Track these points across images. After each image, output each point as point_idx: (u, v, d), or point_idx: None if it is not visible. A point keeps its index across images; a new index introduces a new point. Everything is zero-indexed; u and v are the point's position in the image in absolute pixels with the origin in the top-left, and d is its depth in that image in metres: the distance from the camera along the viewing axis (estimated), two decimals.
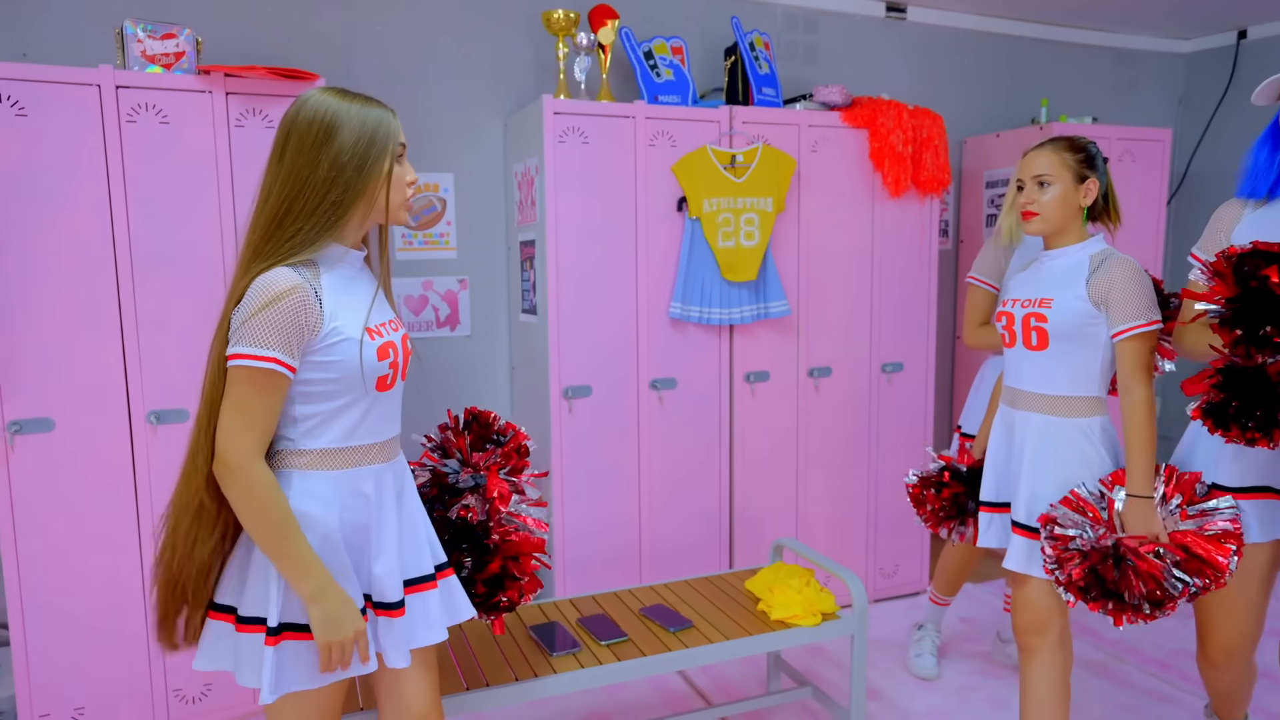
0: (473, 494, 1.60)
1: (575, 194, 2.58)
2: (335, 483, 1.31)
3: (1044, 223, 1.89)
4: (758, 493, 2.95)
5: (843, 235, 2.99)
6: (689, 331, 2.78)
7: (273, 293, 1.22)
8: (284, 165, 1.28)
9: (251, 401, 1.23)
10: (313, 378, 1.27)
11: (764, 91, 2.89)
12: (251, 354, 1.21)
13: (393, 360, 1.33)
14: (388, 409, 1.37)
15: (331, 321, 1.27)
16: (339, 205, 1.28)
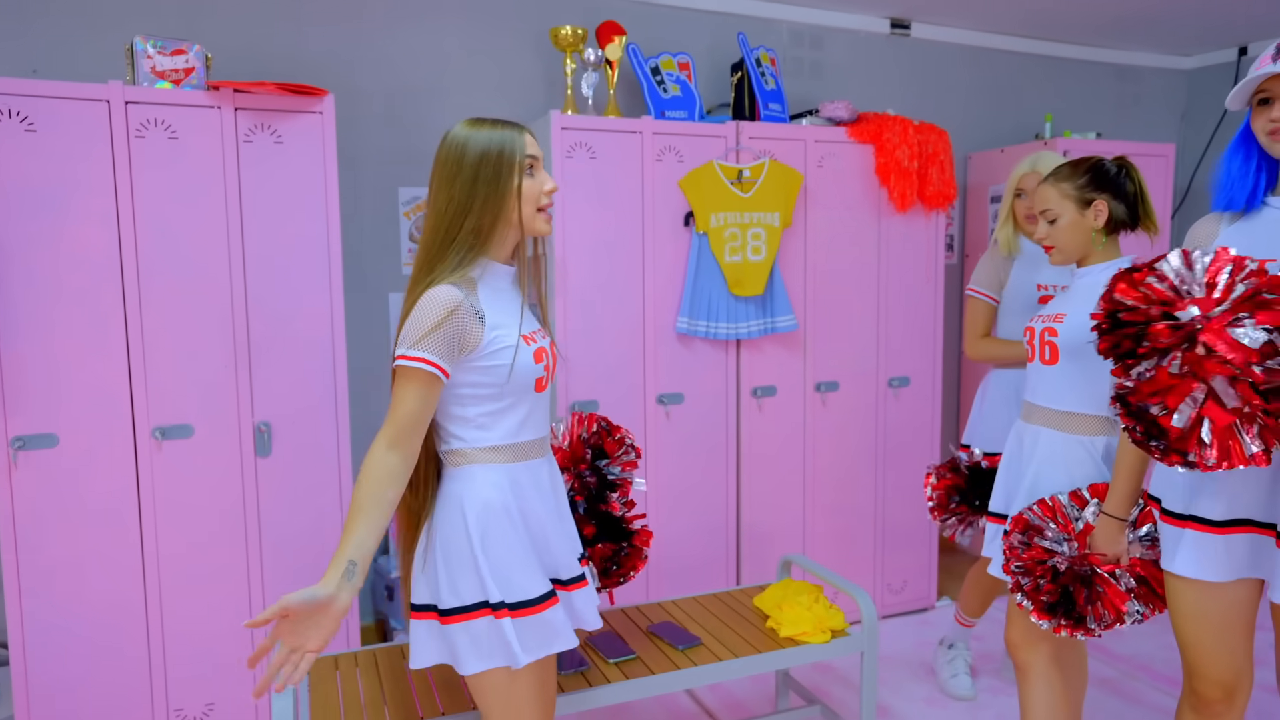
0: (611, 490, 1.83)
1: (583, 209, 2.57)
2: (507, 473, 1.41)
3: (1061, 254, 1.90)
4: (765, 507, 2.92)
5: (849, 250, 2.98)
6: (696, 346, 2.77)
7: (433, 304, 1.32)
8: (433, 198, 1.39)
9: (400, 395, 1.32)
10: (481, 380, 1.37)
11: (770, 107, 2.89)
12: (408, 355, 1.32)
13: (546, 364, 1.42)
14: (543, 409, 1.47)
15: (493, 331, 1.36)
16: (478, 230, 1.37)
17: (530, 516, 1.44)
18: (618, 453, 1.86)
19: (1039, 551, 1.75)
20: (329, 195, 2.26)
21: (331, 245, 2.27)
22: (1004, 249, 2.43)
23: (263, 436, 2.24)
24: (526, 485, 1.44)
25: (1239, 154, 1.57)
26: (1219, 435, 1.31)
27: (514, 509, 1.41)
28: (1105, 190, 1.88)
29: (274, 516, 2.28)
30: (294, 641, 1.24)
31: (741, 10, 3.16)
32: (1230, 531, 1.51)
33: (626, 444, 1.85)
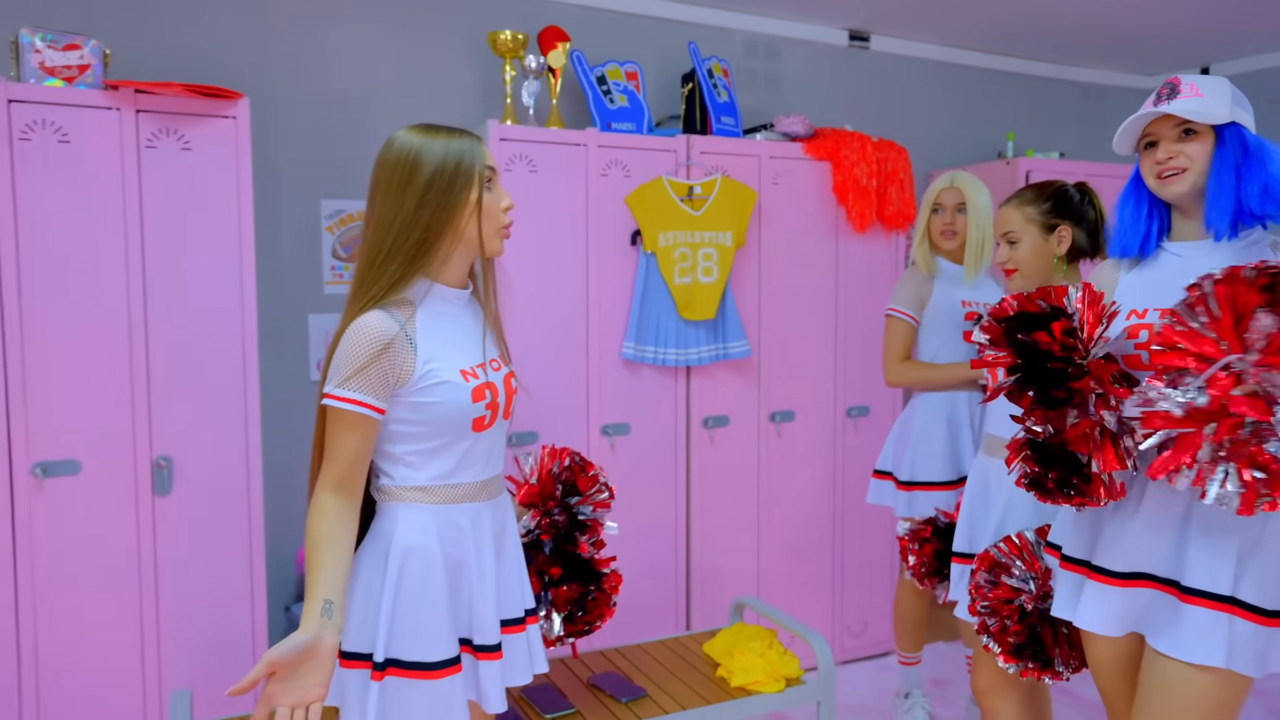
0: (581, 531, 1.81)
1: (523, 226, 2.56)
2: (435, 516, 1.39)
3: (1023, 279, 1.96)
4: (716, 546, 2.93)
5: (805, 271, 3.01)
6: (643, 373, 2.76)
7: (362, 336, 1.31)
8: (375, 209, 1.37)
9: (336, 439, 1.32)
10: (410, 417, 1.36)
11: (723, 120, 2.92)
12: (338, 395, 1.32)
13: (490, 401, 1.39)
14: (487, 449, 1.44)
15: (426, 364, 1.34)
16: (424, 242, 1.35)
17: (460, 567, 1.42)
18: (590, 490, 1.84)
19: (1005, 591, 1.78)
20: (242, 208, 2.23)
21: (245, 263, 2.24)
22: (923, 268, 2.52)
23: (162, 473, 2.18)
24: (461, 530, 1.42)
25: (1130, 199, 1.63)
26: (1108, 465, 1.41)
27: (437, 556, 1.39)
28: (1068, 217, 1.94)
29: (174, 563, 2.21)
30: (293, 698, 1.23)
31: (693, 18, 3.20)
32: (1131, 585, 1.53)
33: (600, 482, 1.84)
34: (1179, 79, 1.52)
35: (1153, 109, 1.51)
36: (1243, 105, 1.51)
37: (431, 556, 1.38)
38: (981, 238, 2.45)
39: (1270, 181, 1.44)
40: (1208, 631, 1.41)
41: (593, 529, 1.85)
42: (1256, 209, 1.43)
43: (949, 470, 2.47)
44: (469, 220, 1.37)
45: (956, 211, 2.49)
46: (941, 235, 2.49)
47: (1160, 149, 1.52)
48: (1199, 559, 1.45)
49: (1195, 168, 1.49)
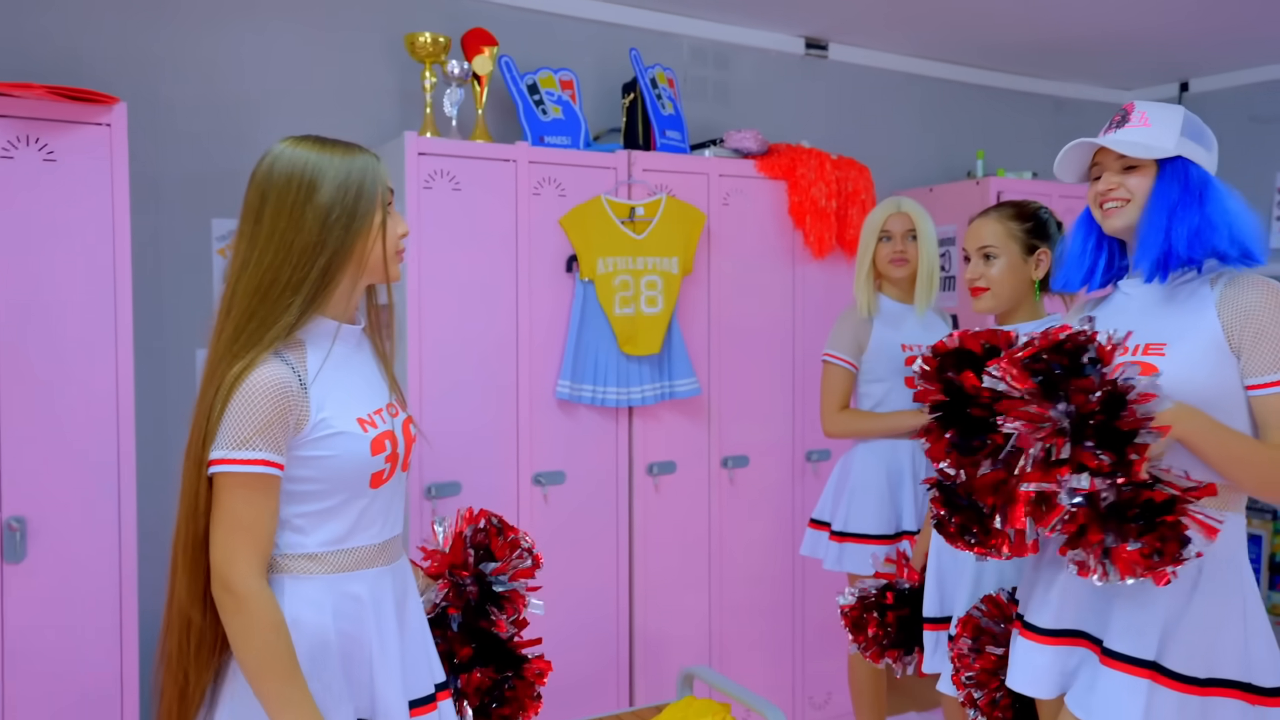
0: (498, 606, 1.70)
1: (444, 249, 2.53)
2: (328, 587, 1.36)
3: (994, 299, 1.97)
4: (663, 609, 2.89)
5: (760, 301, 3.01)
6: (580, 415, 2.73)
7: (264, 390, 1.28)
8: (263, 231, 1.33)
9: (244, 511, 1.28)
10: (299, 474, 1.33)
11: (668, 135, 2.92)
12: (235, 458, 1.27)
13: (390, 453, 1.38)
14: (385, 507, 1.42)
15: (319, 413, 1.32)
16: (328, 271, 1.33)
17: (357, 645, 1.38)
18: (509, 556, 1.74)
19: (991, 659, 1.77)
20: (118, 228, 2.16)
21: (120, 291, 2.16)
22: (863, 309, 2.55)
23: (13, 536, 2.08)
24: (358, 603, 1.39)
25: (1080, 230, 1.67)
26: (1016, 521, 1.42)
27: (331, 635, 1.35)
28: (1046, 241, 1.97)
29: (23, 641, 2.09)
30: None
31: (635, 22, 3.20)
32: (1061, 643, 1.55)
33: (522, 548, 1.76)
34: (1133, 105, 1.56)
35: (1086, 139, 1.57)
36: (1198, 138, 1.55)
37: (324, 636, 1.35)
38: (931, 269, 2.50)
39: (1203, 225, 1.48)
40: (1122, 698, 1.45)
41: (513, 603, 1.75)
42: (1184, 252, 1.47)
43: (886, 523, 2.49)
44: (373, 247, 1.37)
45: (907, 238, 2.53)
46: (891, 264, 2.52)
47: (1102, 180, 1.57)
48: (1123, 620, 1.48)
49: (1136, 201, 1.53)
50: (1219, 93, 4.12)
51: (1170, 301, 1.53)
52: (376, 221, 1.37)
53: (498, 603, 1.75)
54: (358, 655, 1.38)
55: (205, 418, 1.31)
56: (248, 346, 1.31)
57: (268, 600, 1.29)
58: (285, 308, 1.32)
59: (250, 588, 1.28)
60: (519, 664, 1.75)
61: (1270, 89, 3.95)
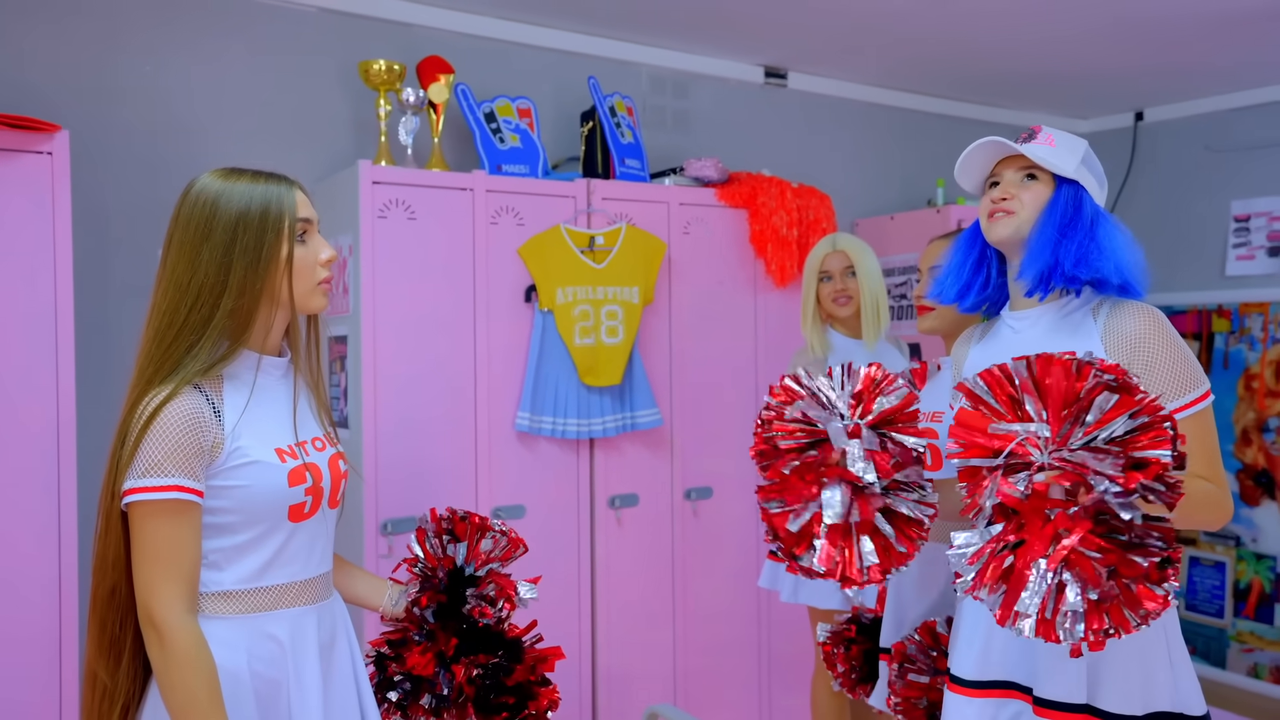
0: (477, 595, 1.63)
1: (399, 280, 2.54)
2: (242, 627, 1.33)
3: (939, 319, 2.01)
4: (626, 645, 2.88)
5: (721, 330, 3.04)
6: (540, 447, 2.74)
7: (167, 416, 1.27)
8: (165, 272, 1.34)
9: (163, 541, 1.26)
10: (215, 505, 1.32)
11: (627, 163, 2.96)
12: (148, 485, 1.26)
13: (311, 485, 1.37)
14: (309, 542, 1.41)
15: (234, 441, 1.31)
16: (237, 312, 1.32)
17: (275, 689, 1.35)
18: (474, 537, 1.68)
19: (916, 689, 1.79)
20: (59, 263, 2.14)
21: (61, 331, 2.15)
22: (816, 349, 2.59)
23: None
24: (277, 644, 1.36)
25: (963, 244, 1.69)
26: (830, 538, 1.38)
27: (245, 679, 1.33)
28: None
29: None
30: None
31: (594, 50, 3.24)
32: (989, 694, 1.51)
33: (493, 530, 1.68)
34: (1040, 127, 1.60)
35: (994, 138, 1.59)
36: (1094, 172, 1.58)
37: (238, 678, 1.32)
38: (875, 301, 2.55)
39: (1091, 249, 1.48)
40: None
41: (499, 589, 1.64)
42: (1069, 269, 1.47)
43: None
44: (280, 281, 1.35)
45: (846, 275, 2.59)
46: (835, 302, 2.58)
47: (999, 188, 1.58)
48: (1047, 665, 1.45)
49: (1024, 214, 1.54)
50: (1174, 122, 4.26)
51: (1056, 333, 1.52)
52: (282, 255, 1.35)
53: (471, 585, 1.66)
54: (274, 699, 1.35)
55: (118, 452, 1.31)
56: (162, 383, 1.31)
57: (189, 635, 1.27)
58: (189, 347, 1.32)
59: (170, 621, 1.26)
60: (515, 649, 1.66)
61: (1224, 119, 4.09)
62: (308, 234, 1.40)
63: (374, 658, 1.65)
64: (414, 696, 1.63)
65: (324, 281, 1.41)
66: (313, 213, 1.42)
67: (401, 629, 1.66)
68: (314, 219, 1.41)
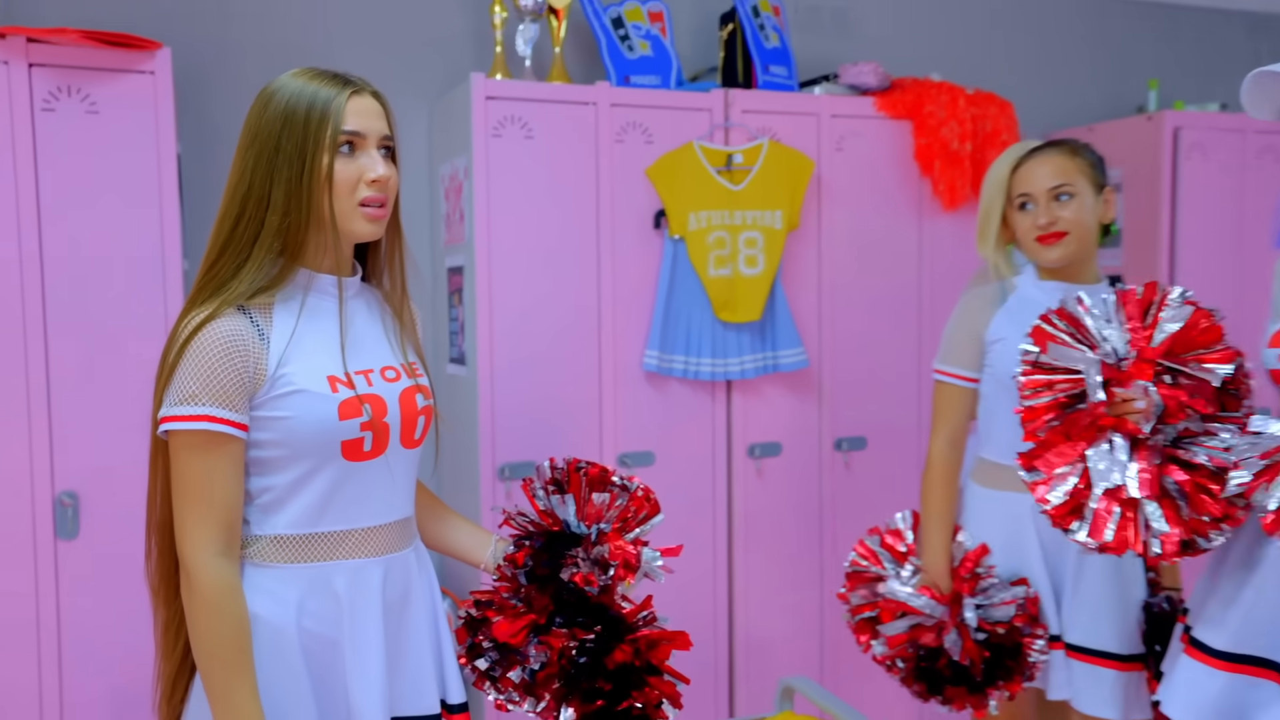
0: (585, 558, 1.46)
1: (516, 205, 2.51)
2: (295, 577, 1.31)
3: (1076, 244, 1.92)
4: (768, 609, 2.81)
5: (879, 260, 2.90)
6: (671, 389, 2.68)
7: (205, 338, 1.25)
8: (228, 178, 1.33)
9: (195, 475, 1.25)
10: (260, 438, 1.29)
11: (771, 71, 2.82)
12: (181, 414, 1.24)
13: (368, 420, 1.32)
14: (373, 485, 1.36)
15: (280, 367, 1.28)
16: (285, 231, 1.29)
17: (325, 645, 1.32)
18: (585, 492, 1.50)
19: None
20: (164, 185, 2.21)
21: (168, 254, 2.21)
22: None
23: (66, 512, 2.15)
24: (334, 599, 1.33)
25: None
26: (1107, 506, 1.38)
27: (292, 632, 1.29)
28: (1107, 180, 1.99)
29: (78, 619, 2.16)
30: None
31: None
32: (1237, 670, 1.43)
33: (613, 485, 1.50)
34: None
35: None
36: None
37: (283, 636, 1.29)
38: None
39: None
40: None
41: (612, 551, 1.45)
42: None
43: None
44: (319, 194, 1.30)
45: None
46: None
47: None
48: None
49: None
50: None
51: None
52: (322, 168, 1.28)
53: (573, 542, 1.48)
54: (330, 660, 1.32)
55: (161, 377, 1.30)
56: (208, 302, 1.29)
57: (217, 580, 1.24)
58: (237, 269, 1.29)
59: (198, 563, 1.24)
60: (615, 627, 1.45)
61: None
62: (356, 146, 1.32)
63: (464, 620, 1.54)
64: (504, 668, 1.50)
65: (367, 203, 1.33)
66: (371, 125, 1.33)
67: (493, 590, 1.55)
68: (368, 132, 1.32)
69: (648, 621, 1.49)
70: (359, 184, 1.31)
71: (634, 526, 1.51)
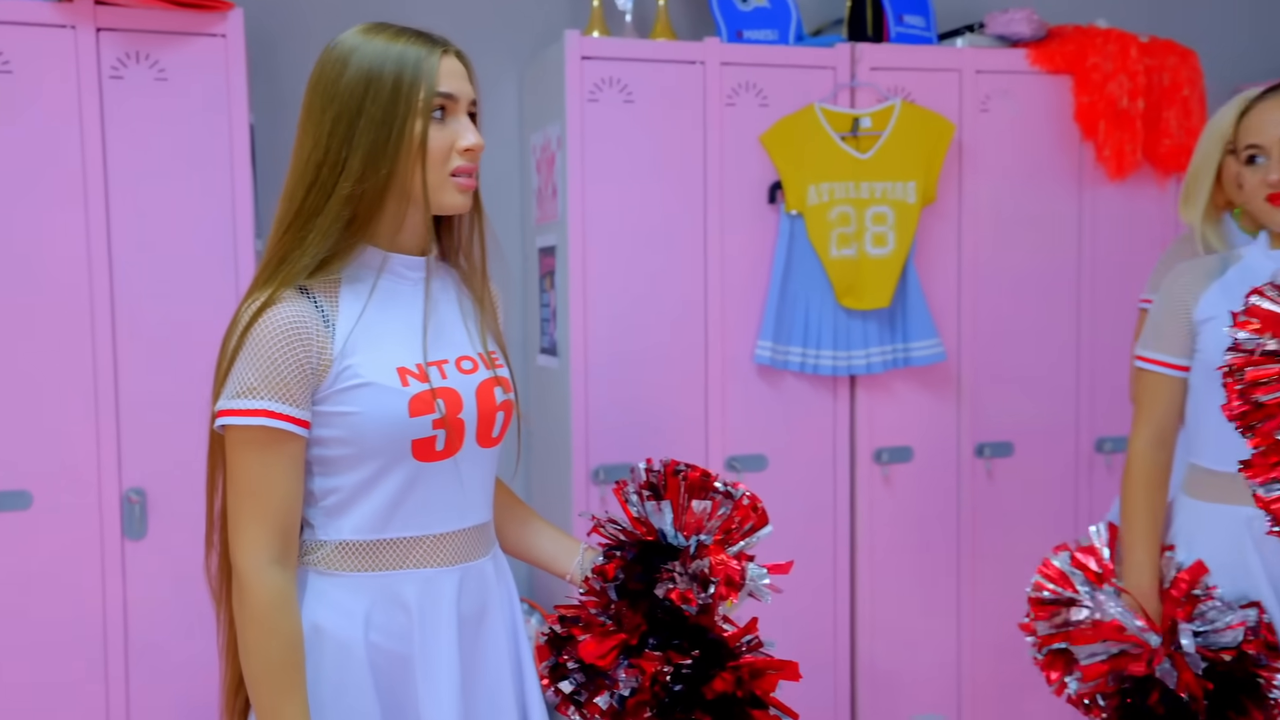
0: (683, 573, 1.45)
1: (613, 177, 2.44)
2: (362, 587, 1.30)
3: None
4: (894, 637, 2.71)
5: (1031, 238, 2.76)
6: (786, 385, 2.60)
7: (266, 325, 1.23)
8: (295, 144, 1.31)
9: (249, 474, 1.24)
10: (324, 435, 1.28)
11: (906, 21, 2.68)
12: (239, 408, 1.23)
13: (442, 416, 1.29)
14: (448, 488, 1.34)
15: (345, 358, 1.26)
16: (357, 200, 1.26)
17: (394, 661, 1.29)
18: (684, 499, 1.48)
19: None
20: (235, 155, 2.22)
21: (240, 232, 2.19)
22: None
23: (134, 509, 2.16)
24: (403, 609, 1.30)
25: None
26: None
27: (359, 647, 1.27)
28: None
29: (145, 619, 2.17)
30: None
31: None
32: None
33: (715, 492, 1.48)
34: None
35: None
36: None
37: (350, 653, 1.26)
38: None
39: None
40: None
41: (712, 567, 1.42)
42: None
43: None
44: (411, 163, 1.26)
45: None
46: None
47: None
48: None
49: None
50: None
51: None
52: (412, 134, 1.25)
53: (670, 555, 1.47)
54: (400, 677, 1.30)
55: (220, 366, 1.28)
56: (270, 283, 1.26)
57: (271, 591, 1.22)
58: (300, 240, 1.25)
59: (249, 570, 1.22)
60: (715, 652, 1.43)
61: None
62: (449, 111, 1.29)
63: (548, 637, 1.51)
64: (590, 692, 1.47)
65: (459, 173, 1.30)
66: (463, 88, 1.30)
67: (580, 605, 1.52)
68: (461, 95, 1.29)
69: (752, 647, 1.46)
70: (451, 152, 1.29)
71: (738, 539, 1.48)
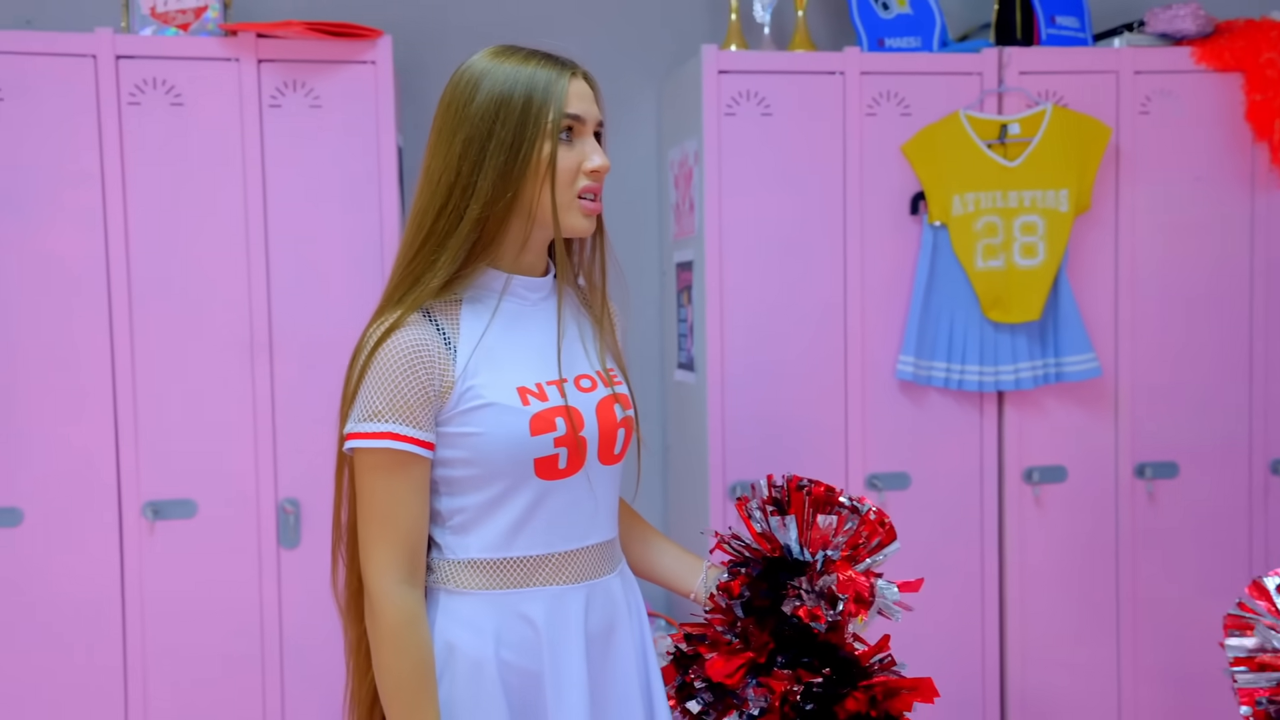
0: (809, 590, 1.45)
1: (751, 191, 2.43)
2: (491, 606, 1.32)
3: None
4: (1048, 666, 2.61)
5: (1196, 246, 2.64)
6: (930, 401, 2.55)
7: (391, 348, 1.26)
8: (424, 168, 1.34)
9: (378, 496, 1.27)
10: (448, 456, 1.30)
11: (1059, 22, 2.59)
12: (365, 431, 1.26)
13: (564, 435, 1.31)
14: (573, 506, 1.35)
15: (468, 380, 1.28)
16: (483, 221, 1.29)
17: (524, 678, 1.31)
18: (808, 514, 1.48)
19: None
20: (384, 180, 2.29)
21: (387, 249, 2.29)
22: None
23: (289, 519, 2.24)
24: (531, 626, 1.32)
25: None
26: None
27: (491, 664, 1.28)
28: None
29: (300, 630, 2.24)
30: None
31: None
32: None
33: (841, 505, 1.47)
34: None
35: None
36: None
37: (482, 670, 1.28)
38: None
39: None
40: None
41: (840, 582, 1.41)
42: None
43: None
44: (538, 186, 1.28)
45: None
46: None
47: None
48: None
49: None
50: None
51: None
52: (540, 155, 1.27)
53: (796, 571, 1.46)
54: (531, 694, 1.31)
55: (347, 389, 1.32)
56: (400, 305, 1.30)
57: (402, 610, 1.26)
58: (432, 263, 1.29)
59: (381, 590, 1.25)
60: (846, 670, 1.43)
61: None
62: (576, 133, 1.31)
63: (674, 655, 1.52)
64: (719, 711, 1.47)
65: (585, 194, 1.32)
66: (590, 109, 1.32)
67: (706, 623, 1.52)
68: (588, 117, 1.32)
69: (884, 666, 1.44)
70: (578, 174, 1.31)
71: (865, 555, 1.46)
